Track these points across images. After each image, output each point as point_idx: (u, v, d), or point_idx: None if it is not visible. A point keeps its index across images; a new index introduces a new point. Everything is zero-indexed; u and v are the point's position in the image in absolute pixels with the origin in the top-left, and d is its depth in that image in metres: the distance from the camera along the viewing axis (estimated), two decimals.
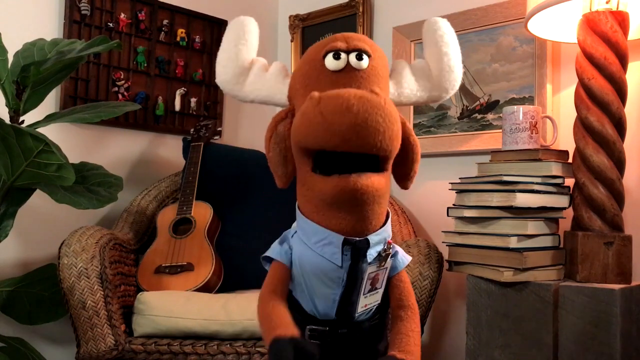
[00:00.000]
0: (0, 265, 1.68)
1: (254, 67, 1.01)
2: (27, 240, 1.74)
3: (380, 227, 0.93)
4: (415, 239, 1.57)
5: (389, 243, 0.95)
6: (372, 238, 0.91)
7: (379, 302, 0.98)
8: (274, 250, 0.98)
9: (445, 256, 1.44)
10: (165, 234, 1.69)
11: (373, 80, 0.92)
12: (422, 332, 1.44)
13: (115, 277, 1.49)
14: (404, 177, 0.97)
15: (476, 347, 1.33)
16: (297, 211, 0.96)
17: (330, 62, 0.91)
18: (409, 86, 0.99)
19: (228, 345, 1.36)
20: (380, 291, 0.98)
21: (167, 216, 1.74)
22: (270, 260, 0.98)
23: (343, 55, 0.91)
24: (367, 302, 0.96)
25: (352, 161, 0.84)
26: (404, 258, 1.01)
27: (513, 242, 1.26)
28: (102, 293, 1.41)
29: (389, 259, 0.95)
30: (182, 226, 1.72)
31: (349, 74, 0.91)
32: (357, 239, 0.90)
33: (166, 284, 1.55)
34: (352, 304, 0.93)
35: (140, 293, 1.47)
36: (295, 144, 0.89)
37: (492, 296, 1.31)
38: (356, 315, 0.95)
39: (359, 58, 0.91)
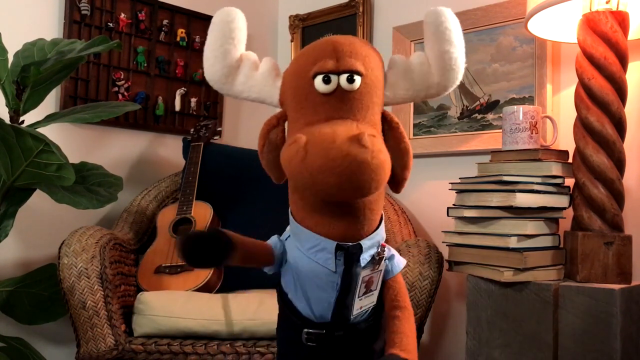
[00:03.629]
0: (0, 265, 1.68)
1: (243, 66, 0.96)
2: (27, 240, 1.74)
3: (373, 231, 0.93)
4: (415, 239, 1.57)
5: (383, 246, 0.95)
6: (365, 243, 0.91)
7: (374, 303, 0.99)
8: (272, 240, 0.99)
9: (445, 256, 1.44)
10: (165, 234, 1.69)
11: (366, 98, 0.89)
12: (422, 332, 1.44)
13: (115, 277, 1.49)
14: (395, 182, 0.96)
15: (476, 347, 1.33)
16: (290, 217, 0.96)
17: (320, 85, 0.88)
18: (404, 86, 0.95)
19: (228, 345, 1.36)
20: (376, 292, 0.98)
21: (167, 216, 1.74)
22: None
23: (333, 78, 0.87)
24: (363, 304, 0.96)
25: None
26: (400, 262, 1.01)
27: (513, 242, 1.26)
28: (102, 293, 1.41)
29: (382, 261, 0.95)
30: (182, 226, 1.72)
31: (340, 96, 0.88)
32: (350, 244, 0.90)
33: (166, 284, 1.55)
34: (347, 307, 0.94)
35: (140, 293, 1.47)
36: None
37: (492, 296, 1.31)
38: (352, 317, 0.95)
39: (350, 80, 0.88)
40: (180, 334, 1.41)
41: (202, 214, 1.74)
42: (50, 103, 1.77)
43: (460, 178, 1.40)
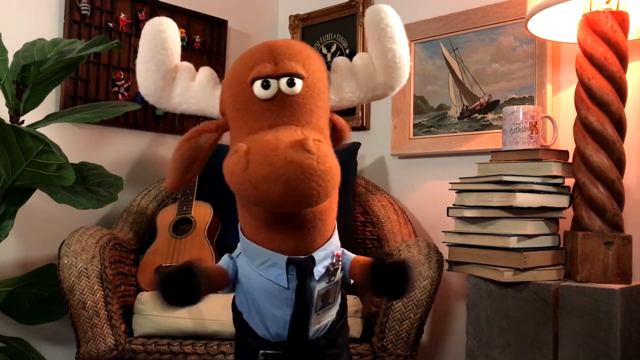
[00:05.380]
0: (0, 265, 1.68)
1: (179, 77, 0.91)
2: (27, 240, 1.74)
3: (326, 242, 0.89)
4: (415, 239, 1.57)
5: (338, 256, 0.91)
6: (318, 254, 0.87)
7: (333, 317, 0.96)
8: (224, 260, 0.96)
9: (445, 256, 1.44)
10: (165, 234, 1.69)
11: (309, 101, 0.84)
12: (422, 332, 1.44)
13: (115, 277, 1.49)
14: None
15: (476, 347, 1.33)
16: (240, 233, 0.92)
17: (259, 91, 0.82)
18: (350, 89, 0.90)
19: (228, 345, 1.36)
20: (335, 306, 0.95)
21: (167, 216, 1.74)
22: None
23: (273, 82, 0.82)
24: (321, 319, 0.93)
25: None
26: (348, 255, 0.97)
27: (513, 242, 1.26)
28: (102, 293, 1.41)
29: (338, 272, 0.91)
30: (182, 226, 1.72)
31: (281, 101, 0.82)
32: (302, 257, 0.86)
33: None
34: (304, 324, 0.90)
35: (140, 293, 1.47)
36: None
37: (492, 296, 1.31)
38: (310, 334, 0.91)
39: (291, 84, 0.82)
40: (180, 334, 1.41)
41: (202, 213, 1.73)
42: (50, 103, 1.77)
43: (460, 178, 1.40)
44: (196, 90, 0.90)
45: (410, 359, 1.41)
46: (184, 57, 0.93)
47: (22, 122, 1.46)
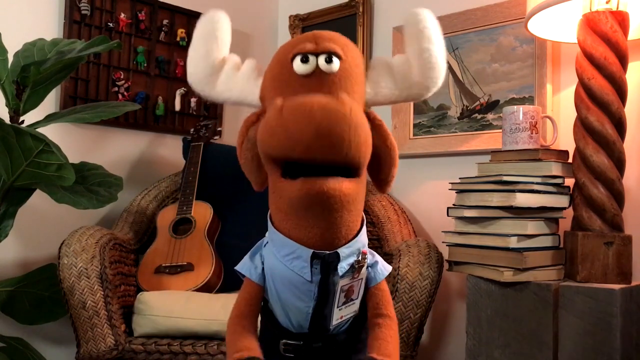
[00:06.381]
0: (0, 265, 1.68)
1: (225, 66, 0.95)
2: (27, 240, 1.74)
3: (353, 238, 0.90)
4: (415, 239, 1.57)
5: (364, 253, 0.92)
6: (343, 251, 0.88)
7: (356, 312, 0.97)
8: (245, 266, 0.97)
9: (445, 256, 1.44)
10: (165, 234, 1.69)
11: (345, 83, 0.88)
12: (422, 332, 1.44)
13: (115, 277, 1.49)
14: (381, 182, 0.93)
15: (476, 347, 1.33)
16: (269, 221, 0.93)
17: (298, 66, 0.87)
18: (386, 85, 0.93)
19: None
20: (357, 301, 0.96)
21: (167, 216, 1.74)
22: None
23: (312, 58, 0.86)
24: (343, 313, 0.94)
25: (321, 169, 0.81)
26: (384, 269, 0.98)
27: (513, 242, 1.26)
28: (102, 293, 1.41)
29: (363, 269, 0.93)
30: (182, 226, 1.72)
31: (319, 78, 0.86)
32: (327, 252, 0.87)
33: (166, 284, 1.55)
34: (325, 317, 0.92)
35: (140, 293, 1.47)
36: (262, 153, 0.86)
37: (492, 296, 1.31)
38: (331, 327, 0.93)
39: (329, 61, 0.86)
40: (180, 334, 1.41)
41: (202, 213, 1.74)
42: (50, 103, 1.77)
43: (460, 178, 1.40)
44: (239, 79, 0.95)
45: (410, 359, 1.41)
46: (183, 57, 0.94)
47: (22, 122, 1.46)
